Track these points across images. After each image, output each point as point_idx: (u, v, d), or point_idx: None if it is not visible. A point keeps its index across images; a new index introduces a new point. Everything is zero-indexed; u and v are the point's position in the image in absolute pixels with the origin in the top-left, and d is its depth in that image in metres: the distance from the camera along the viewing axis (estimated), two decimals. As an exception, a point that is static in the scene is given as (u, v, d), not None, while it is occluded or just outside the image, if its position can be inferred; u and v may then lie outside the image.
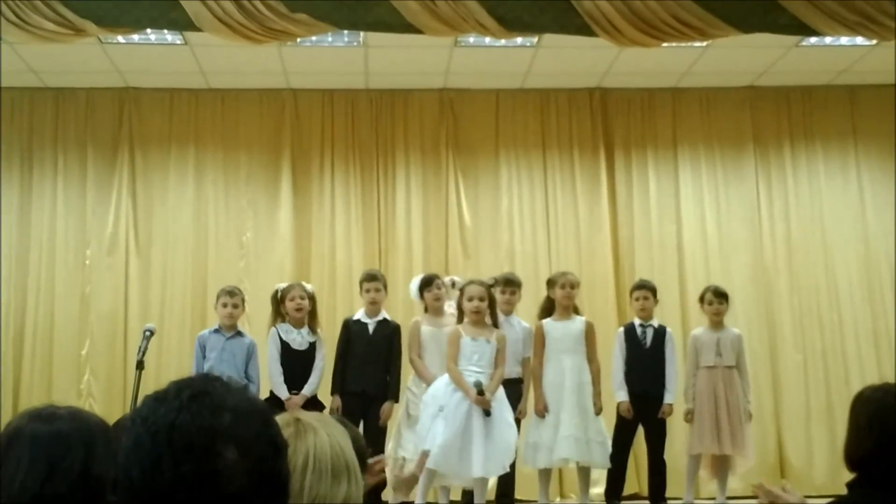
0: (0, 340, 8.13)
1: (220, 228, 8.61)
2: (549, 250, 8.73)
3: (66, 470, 1.93)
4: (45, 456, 1.94)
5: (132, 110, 8.68)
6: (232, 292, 6.84)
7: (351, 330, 6.86)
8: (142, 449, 1.38)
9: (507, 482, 6.69)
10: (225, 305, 6.77)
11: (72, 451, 1.95)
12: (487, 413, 5.97)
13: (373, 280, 6.92)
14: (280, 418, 1.56)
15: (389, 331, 6.88)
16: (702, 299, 7.19)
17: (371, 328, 6.84)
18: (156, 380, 6.88)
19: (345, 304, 8.11)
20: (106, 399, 8.10)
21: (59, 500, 1.92)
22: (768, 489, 2.75)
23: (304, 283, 7.01)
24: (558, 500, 8.06)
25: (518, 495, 7.10)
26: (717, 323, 7.03)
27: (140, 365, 5.57)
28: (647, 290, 7.09)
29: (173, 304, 8.39)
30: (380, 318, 6.89)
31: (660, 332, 7.00)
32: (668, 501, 6.93)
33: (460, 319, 6.35)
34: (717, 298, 7.06)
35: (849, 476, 2.57)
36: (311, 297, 6.86)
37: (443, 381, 6.19)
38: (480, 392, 5.95)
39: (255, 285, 8.12)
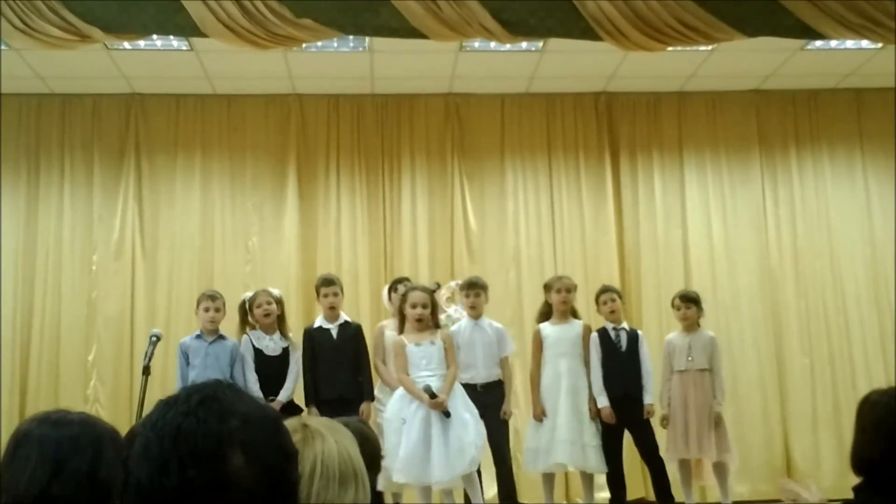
0: (7, 346, 8.15)
1: (227, 233, 8.63)
2: (555, 254, 8.73)
3: (73, 471, 1.95)
4: (53, 456, 1.96)
5: (138, 116, 8.71)
6: (213, 296, 6.81)
7: (314, 338, 6.81)
8: (149, 452, 1.39)
9: (508, 485, 6.66)
10: (207, 310, 6.73)
11: (79, 454, 1.97)
12: (447, 414, 5.94)
13: (330, 285, 6.89)
14: (287, 424, 1.56)
15: (352, 332, 6.86)
16: (672, 304, 7.18)
17: (334, 333, 6.81)
18: (162, 385, 6.93)
19: (350, 309, 8.08)
20: (113, 404, 8.12)
21: (64, 500, 1.93)
22: (790, 488, 2.74)
23: (269, 289, 6.96)
24: (564, 503, 8.05)
25: (524, 499, 7.09)
26: (688, 326, 6.98)
27: (146, 370, 5.56)
28: (612, 292, 7.06)
29: (180, 309, 8.39)
30: (340, 321, 6.87)
31: (632, 335, 6.97)
32: None
33: (401, 329, 6.34)
34: (683, 303, 7.01)
35: (856, 480, 2.57)
36: (279, 302, 6.83)
37: (398, 394, 6.19)
38: (432, 395, 5.95)
39: (261, 290, 8.12)
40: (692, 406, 6.75)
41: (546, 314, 6.95)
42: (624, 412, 6.74)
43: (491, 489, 6.93)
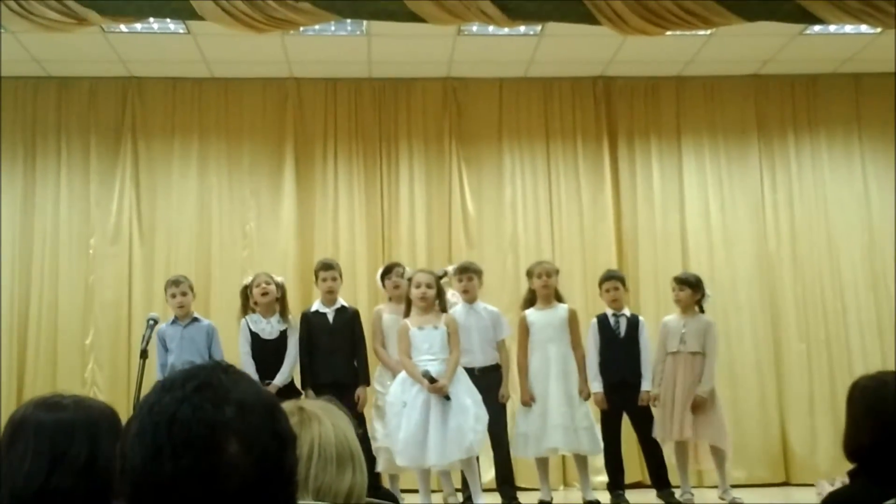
0: (4, 330, 8.15)
1: (224, 218, 8.61)
2: (553, 240, 8.72)
3: (71, 461, 1.93)
4: (50, 446, 1.94)
5: (135, 100, 8.68)
6: (177, 282, 6.86)
7: (311, 322, 6.83)
8: (144, 438, 1.38)
9: (505, 469, 6.67)
10: (174, 296, 6.80)
11: (76, 442, 1.95)
12: (447, 398, 5.98)
13: (329, 269, 6.93)
14: (284, 407, 1.56)
15: (349, 317, 6.88)
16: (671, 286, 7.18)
17: (331, 317, 6.84)
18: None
19: (348, 294, 8.07)
20: (110, 388, 8.11)
21: (64, 492, 1.91)
22: None
23: (270, 273, 7.01)
24: (562, 488, 8.07)
25: (522, 483, 7.10)
26: (684, 309, 6.95)
27: (144, 354, 5.58)
28: (616, 280, 7.06)
29: (177, 293, 8.39)
30: (337, 306, 6.89)
31: (633, 321, 6.96)
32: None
33: (407, 312, 6.36)
34: (677, 285, 7.01)
35: (852, 465, 2.57)
36: (280, 286, 6.87)
37: (401, 378, 6.24)
38: (431, 380, 5.97)
39: (258, 275, 8.11)
40: (680, 389, 6.75)
41: (531, 301, 6.96)
42: (621, 398, 6.77)
43: (489, 473, 6.95)
